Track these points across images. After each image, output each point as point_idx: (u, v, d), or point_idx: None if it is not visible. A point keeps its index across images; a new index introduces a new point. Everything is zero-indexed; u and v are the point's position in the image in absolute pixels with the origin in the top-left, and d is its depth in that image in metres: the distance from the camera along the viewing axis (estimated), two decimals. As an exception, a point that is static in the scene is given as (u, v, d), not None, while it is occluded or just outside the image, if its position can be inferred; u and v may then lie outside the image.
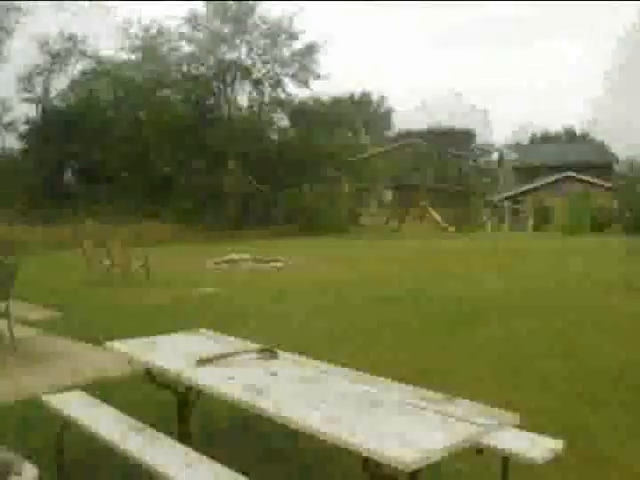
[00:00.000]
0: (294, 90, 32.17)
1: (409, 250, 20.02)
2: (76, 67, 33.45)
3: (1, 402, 4.55)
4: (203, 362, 3.08)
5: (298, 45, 31.18)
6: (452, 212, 36.65)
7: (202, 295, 10.25)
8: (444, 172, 49.69)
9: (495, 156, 57.01)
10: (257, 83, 31.71)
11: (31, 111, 33.54)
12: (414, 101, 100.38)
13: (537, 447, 2.84)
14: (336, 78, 57.19)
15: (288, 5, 33.85)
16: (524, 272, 13.19)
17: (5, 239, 18.73)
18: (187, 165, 28.70)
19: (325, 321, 7.70)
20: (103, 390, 4.52)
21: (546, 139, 67.82)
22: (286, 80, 31.79)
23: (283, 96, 32.25)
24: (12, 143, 34.46)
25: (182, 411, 3.77)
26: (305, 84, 31.73)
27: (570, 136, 67.51)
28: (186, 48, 30.95)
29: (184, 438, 3.51)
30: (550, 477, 3.25)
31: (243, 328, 6.69)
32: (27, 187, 29.05)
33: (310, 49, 31.14)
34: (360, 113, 46.19)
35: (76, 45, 32.96)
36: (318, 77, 31.57)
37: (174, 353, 3.45)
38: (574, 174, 36.98)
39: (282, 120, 33.73)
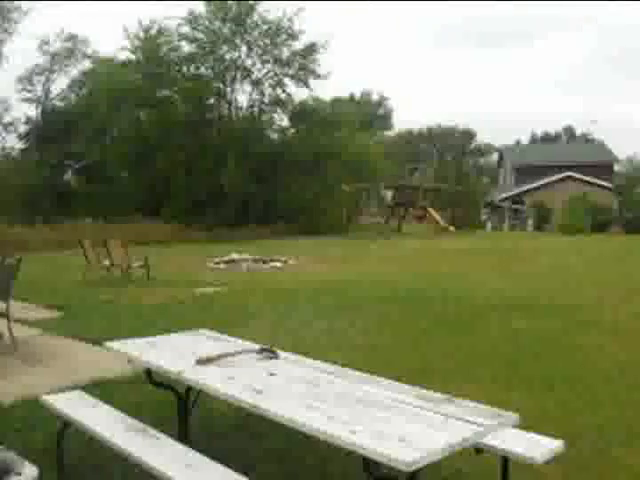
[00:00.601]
0: (294, 90, 32.20)
1: (409, 250, 20.03)
2: (76, 67, 33.57)
3: (1, 402, 4.55)
4: (203, 362, 3.08)
5: (298, 45, 31.17)
6: (452, 212, 36.65)
7: (202, 295, 10.25)
8: (444, 172, 49.74)
9: (495, 156, 57.03)
10: (257, 83, 31.67)
11: (31, 111, 33.66)
12: (414, 101, 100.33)
13: (537, 447, 2.84)
14: (336, 78, 57.16)
15: (288, 5, 33.63)
16: (524, 272, 13.20)
17: (5, 239, 18.73)
18: (187, 165, 28.68)
19: (325, 321, 7.70)
20: (103, 390, 4.53)
21: (546, 139, 67.94)
22: (286, 80, 31.79)
23: (283, 96, 32.23)
24: (12, 143, 34.57)
25: (182, 411, 3.77)
26: (305, 84, 31.72)
27: (570, 136, 67.63)
28: (186, 48, 30.95)
29: (184, 438, 3.51)
30: (550, 477, 3.25)
31: (243, 328, 6.70)
32: (27, 187, 29.06)
33: (310, 49, 31.08)
34: (360, 113, 46.10)
35: (76, 45, 33.04)
36: (318, 77, 31.56)
37: (174, 353, 3.45)
38: (574, 174, 36.97)
39: (282, 120, 33.73)
